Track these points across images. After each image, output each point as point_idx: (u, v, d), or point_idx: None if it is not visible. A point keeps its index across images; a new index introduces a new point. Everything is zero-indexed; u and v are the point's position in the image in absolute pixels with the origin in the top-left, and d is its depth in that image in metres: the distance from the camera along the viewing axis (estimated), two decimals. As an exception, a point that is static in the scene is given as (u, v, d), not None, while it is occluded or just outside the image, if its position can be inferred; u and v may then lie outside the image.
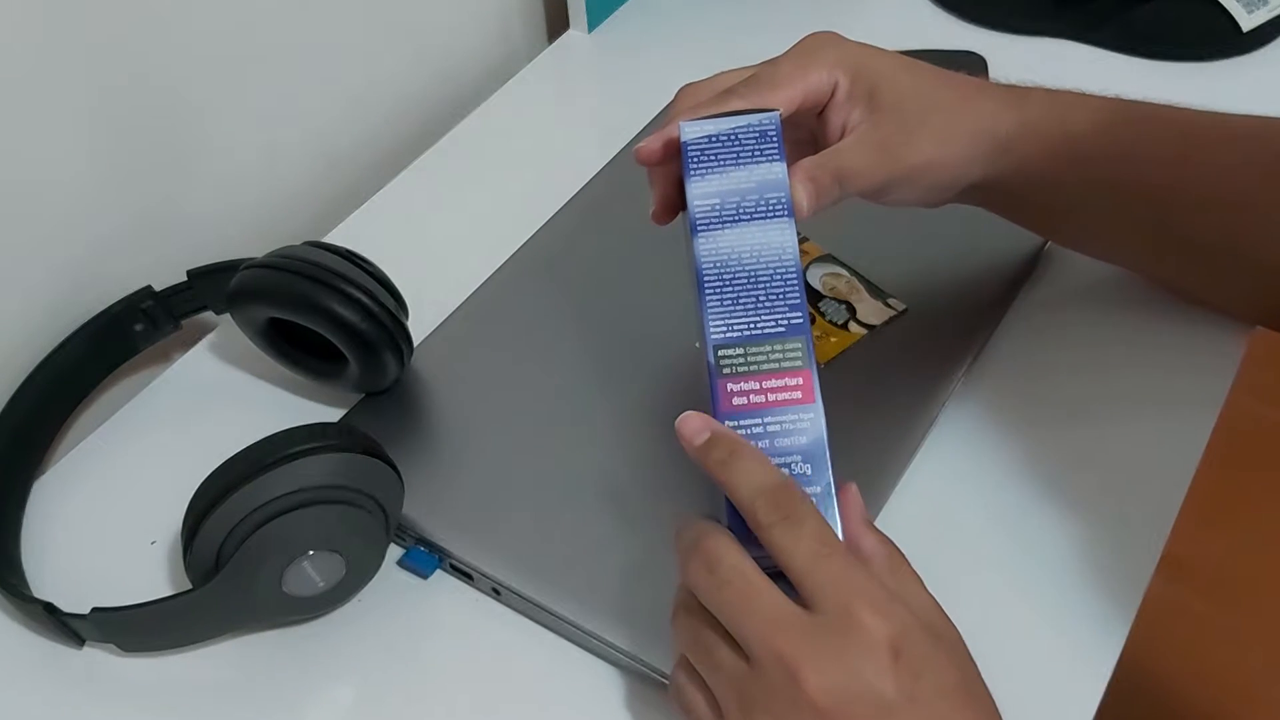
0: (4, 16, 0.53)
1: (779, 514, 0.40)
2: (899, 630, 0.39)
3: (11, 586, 0.51)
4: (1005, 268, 0.63)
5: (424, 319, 0.61)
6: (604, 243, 0.66)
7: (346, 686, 0.51)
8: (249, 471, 0.48)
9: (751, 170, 0.46)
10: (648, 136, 0.48)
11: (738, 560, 0.41)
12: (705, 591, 0.41)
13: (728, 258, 0.44)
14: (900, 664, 0.38)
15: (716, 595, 0.41)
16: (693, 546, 0.42)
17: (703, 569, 0.41)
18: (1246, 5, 0.79)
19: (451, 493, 0.55)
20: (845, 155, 0.49)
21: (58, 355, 0.60)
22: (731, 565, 0.41)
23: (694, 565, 0.42)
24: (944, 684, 0.39)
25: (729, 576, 0.40)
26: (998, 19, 0.82)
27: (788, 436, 0.42)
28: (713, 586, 0.41)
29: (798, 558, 0.40)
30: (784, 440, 0.42)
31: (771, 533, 0.40)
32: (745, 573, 0.40)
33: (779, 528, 0.40)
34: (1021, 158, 0.52)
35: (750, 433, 0.43)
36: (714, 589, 0.41)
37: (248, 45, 0.66)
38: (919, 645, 0.39)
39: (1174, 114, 0.54)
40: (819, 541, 0.40)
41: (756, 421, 0.43)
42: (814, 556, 0.40)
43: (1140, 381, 0.60)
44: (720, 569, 0.41)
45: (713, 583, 0.41)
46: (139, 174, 0.63)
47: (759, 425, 0.43)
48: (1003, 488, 0.56)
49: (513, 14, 0.85)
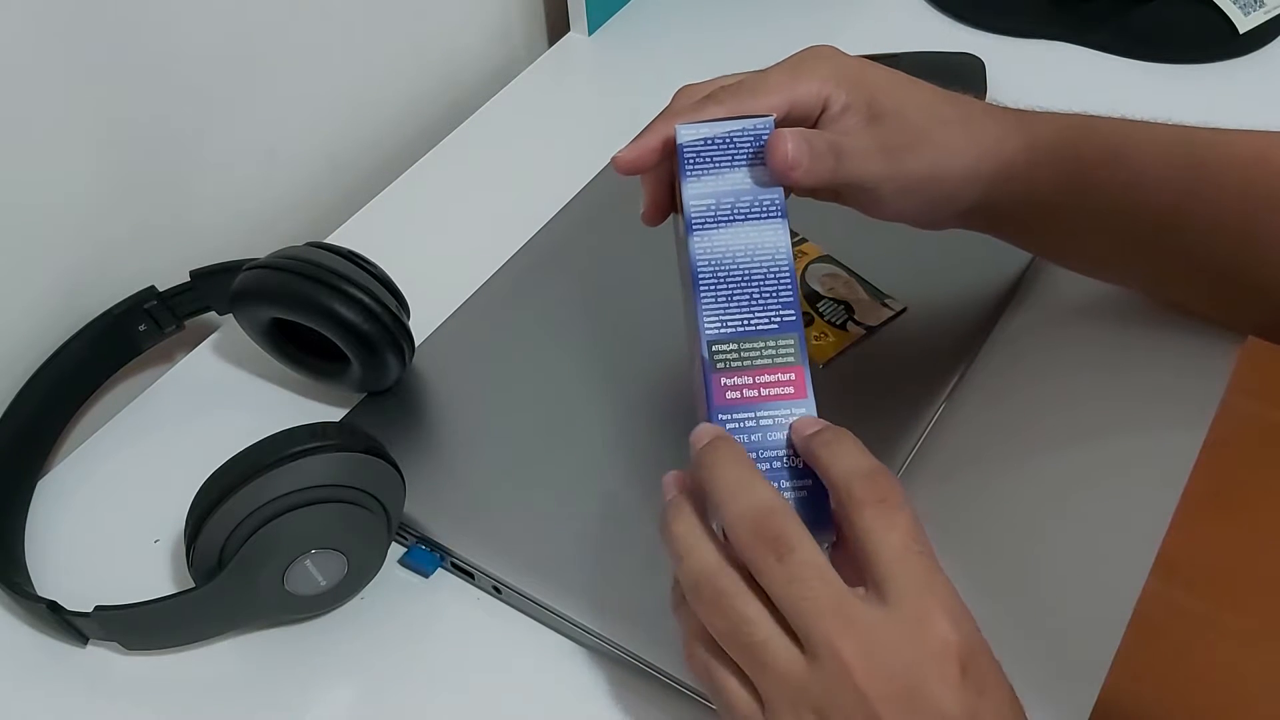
0: (5, 19, 0.53)
1: (876, 495, 0.39)
2: (969, 645, 0.38)
3: (15, 585, 0.52)
4: (1004, 268, 0.64)
5: (425, 319, 0.61)
6: (604, 244, 0.67)
7: (348, 684, 0.51)
8: (251, 471, 0.48)
9: (746, 172, 0.46)
10: (626, 146, 0.48)
11: (814, 553, 0.39)
12: (773, 581, 0.39)
13: (722, 256, 0.45)
14: (967, 680, 0.37)
15: (788, 589, 0.38)
16: (756, 524, 0.39)
17: (770, 555, 0.39)
18: (1243, 7, 0.79)
19: (452, 492, 0.55)
20: (846, 138, 0.48)
21: (62, 355, 0.60)
22: (806, 559, 0.38)
23: (758, 547, 0.39)
24: (1002, 706, 0.38)
25: (802, 572, 0.38)
26: (995, 21, 0.82)
27: (780, 431, 0.43)
28: (784, 579, 0.38)
29: (888, 546, 0.38)
30: (776, 434, 0.43)
31: (863, 512, 0.39)
32: (821, 568, 0.38)
33: (874, 509, 0.39)
34: (1029, 184, 0.51)
35: (743, 426, 0.43)
36: (785, 581, 0.38)
37: (250, 48, 0.66)
38: (984, 662, 0.38)
39: (1179, 135, 0.53)
40: (912, 536, 0.39)
41: (749, 415, 0.43)
42: (905, 549, 0.38)
43: (1137, 381, 0.60)
44: (792, 561, 0.38)
45: (784, 574, 0.38)
46: (143, 175, 0.63)
47: (751, 419, 0.43)
48: (1000, 487, 0.56)
49: (513, 16, 0.85)
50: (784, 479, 0.42)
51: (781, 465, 0.43)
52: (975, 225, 0.55)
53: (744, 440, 0.43)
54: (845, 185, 0.49)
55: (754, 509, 0.40)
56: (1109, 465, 0.57)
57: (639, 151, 0.48)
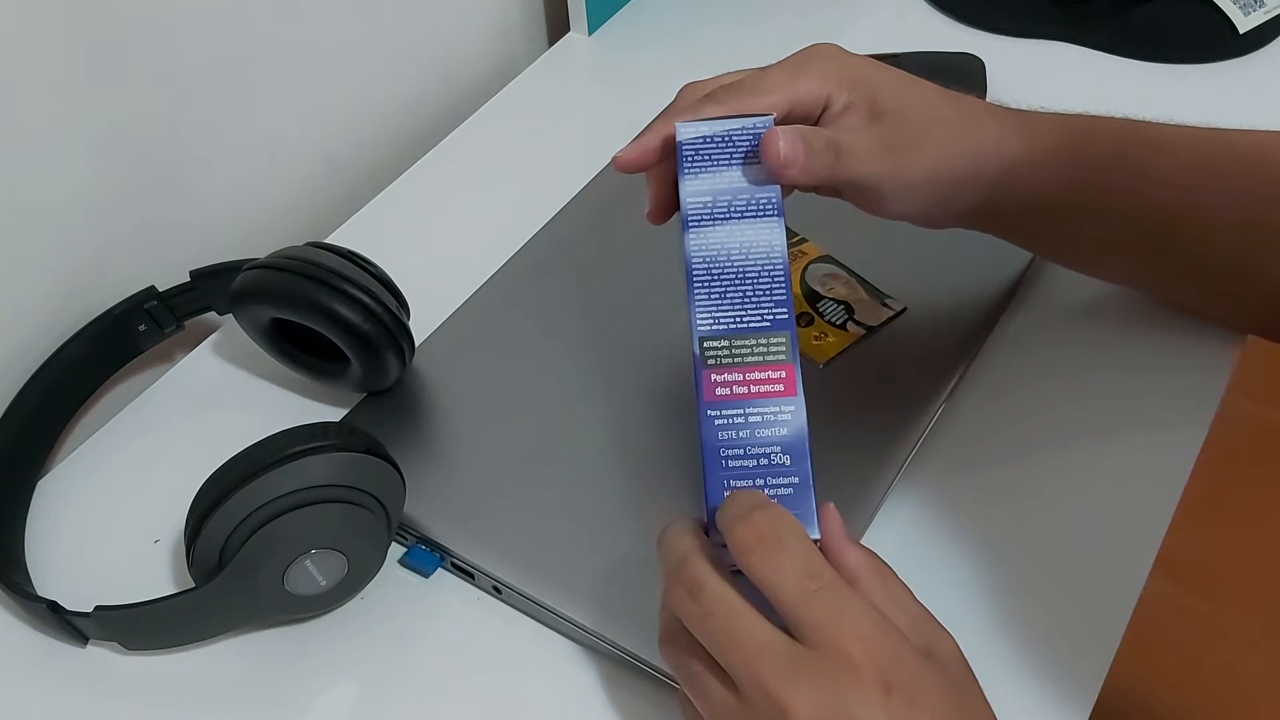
0: (5, 19, 0.53)
1: (754, 535, 0.39)
2: (890, 661, 0.38)
3: (15, 585, 0.52)
4: (1004, 268, 0.64)
5: (425, 319, 0.61)
6: (604, 243, 0.67)
7: (348, 685, 0.51)
8: (251, 471, 0.48)
9: (744, 171, 0.46)
10: (627, 144, 0.48)
11: (720, 588, 0.40)
12: (690, 620, 0.40)
13: (717, 253, 0.45)
14: (893, 697, 0.37)
15: (701, 624, 0.40)
16: (675, 571, 0.41)
17: (685, 596, 0.40)
18: (1243, 7, 0.79)
19: (452, 491, 0.55)
20: (845, 135, 0.48)
21: (61, 355, 0.60)
22: (714, 593, 0.40)
23: (677, 592, 0.41)
24: (938, 707, 0.38)
25: (712, 606, 0.39)
26: (995, 21, 0.82)
27: (769, 428, 0.43)
28: (697, 615, 0.40)
29: (784, 593, 0.39)
30: (765, 431, 0.43)
31: (748, 559, 0.39)
32: (729, 601, 0.39)
33: (757, 555, 0.39)
34: (1030, 185, 0.51)
35: (732, 423, 0.43)
36: (698, 618, 0.40)
37: (250, 48, 0.66)
38: (911, 674, 0.38)
39: (1181, 136, 0.53)
40: (806, 574, 0.39)
41: (739, 412, 0.43)
42: (801, 591, 0.38)
43: (1137, 381, 0.60)
44: (703, 597, 0.40)
45: (696, 611, 0.40)
46: (143, 176, 0.63)
47: (740, 416, 0.43)
48: (1000, 487, 0.56)
49: (513, 16, 0.85)
50: (770, 476, 0.43)
51: (769, 463, 0.43)
52: (976, 225, 0.55)
53: (732, 437, 0.43)
54: (845, 183, 0.49)
55: (676, 559, 0.42)
56: (1109, 465, 0.57)
57: (640, 150, 0.48)
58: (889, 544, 0.47)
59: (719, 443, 0.43)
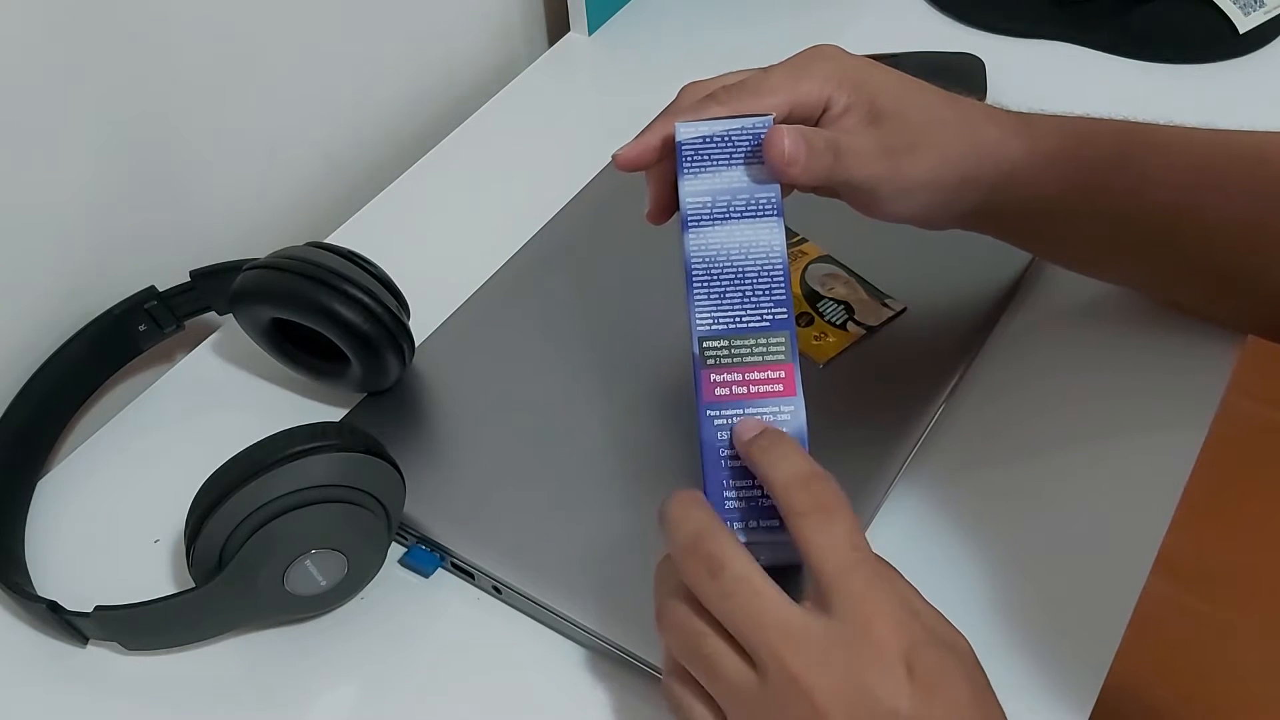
0: (5, 19, 0.53)
1: (812, 503, 0.40)
2: (913, 644, 0.38)
3: (15, 585, 0.52)
4: (1004, 268, 0.64)
5: (425, 319, 0.61)
6: (604, 243, 0.67)
7: (348, 685, 0.51)
8: (251, 471, 0.48)
9: (743, 171, 0.46)
10: (627, 143, 0.48)
11: (744, 566, 0.40)
12: (709, 598, 0.40)
13: (716, 253, 0.45)
14: (915, 679, 0.37)
15: (722, 604, 0.39)
16: (690, 546, 0.41)
17: (704, 574, 0.40)
18: (1243, 7, 0.79)
19: (453, 491, 0.55)
20: (844, 137, 0.48)
21: (61, 355, 0.60)
22: (737, 573, 0.39)
23: (693, 567, 0.41)
24: (958, 699, 0.38)
25: (734, 587, 0.39)
26: (995, 21, 0.82)
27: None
28: (717, 594, 0.40)
29: (828, 561, 0.39)
30: None
31: (801, 523, 0.40)
32: (752, 580, 0.39)
33: (811, 520, 0.40)
34: (1030, 187, 0.51)
35: (732, 422, 0.43)
36: (719, 597, 0.40)
37: (250, 48, 0.66)
38: (933, 659, 0.38)
39: (1181, 137, 0.53)
40: (850, 544, 0.39)
41: (738, 412, 0.43)
42: (844, 562, 0.39)
43: (1137, 381, 0.60)
44: (724, 576, 0.39)
45: (717, 590, 0.40)
46: (143, 175, 0.63)
47: (740, 416, 0.43)
48: (1000, 486, 0.56)
49: (513, 16, 0.85)
50: None
51: None
52: (976, 227, 0.55)
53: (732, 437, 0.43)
54: (844, 185, 0.49)
55: (691, 534, 0.41)
56: (1109, 465, 0.57)
57: (640, 149, 0.48)
58: (889, 544, 0.46)
59: (719, 443, 0.43)
